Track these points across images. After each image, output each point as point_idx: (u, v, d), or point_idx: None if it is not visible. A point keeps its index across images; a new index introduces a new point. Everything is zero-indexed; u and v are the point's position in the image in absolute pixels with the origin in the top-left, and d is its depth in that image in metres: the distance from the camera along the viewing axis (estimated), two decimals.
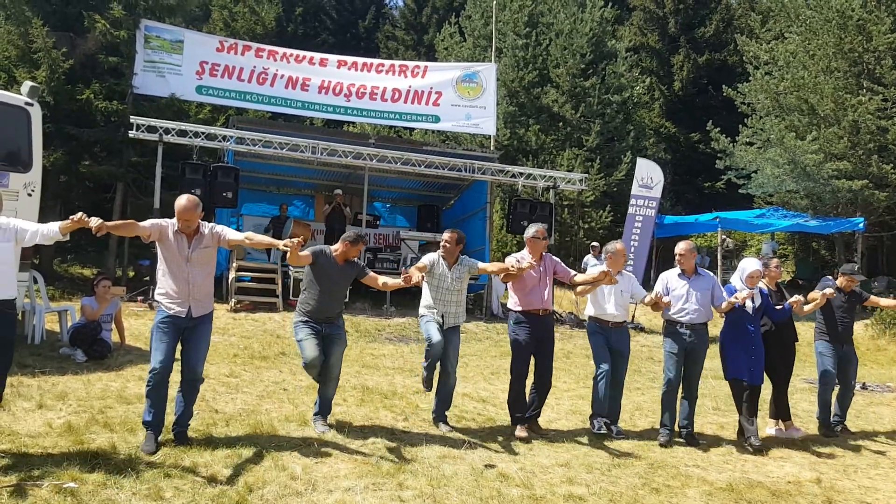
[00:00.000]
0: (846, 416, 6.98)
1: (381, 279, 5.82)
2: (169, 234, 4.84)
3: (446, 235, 6.09)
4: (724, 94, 20.69)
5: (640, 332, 14.02)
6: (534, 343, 6.09)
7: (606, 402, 6.15)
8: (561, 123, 21.83)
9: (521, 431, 5.95)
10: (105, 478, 4.22)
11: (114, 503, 3.90)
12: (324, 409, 5.82)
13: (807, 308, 6.53)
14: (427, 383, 6.01)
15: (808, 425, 7.25)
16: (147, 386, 4.85)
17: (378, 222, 17.92)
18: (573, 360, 10.41)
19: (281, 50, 16.31)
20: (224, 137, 13.12)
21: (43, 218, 8.18)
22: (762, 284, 6.48)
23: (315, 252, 5.57)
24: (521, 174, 15.34)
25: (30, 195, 7.87)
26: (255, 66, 15.73)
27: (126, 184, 15.14)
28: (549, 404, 7.19)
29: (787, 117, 18.07)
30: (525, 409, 6.15)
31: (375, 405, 6.77)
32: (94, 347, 7.90)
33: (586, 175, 17.35)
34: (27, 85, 8.31)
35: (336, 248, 5.68)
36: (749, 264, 6.29)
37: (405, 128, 19.58)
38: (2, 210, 4.71)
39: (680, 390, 6.23)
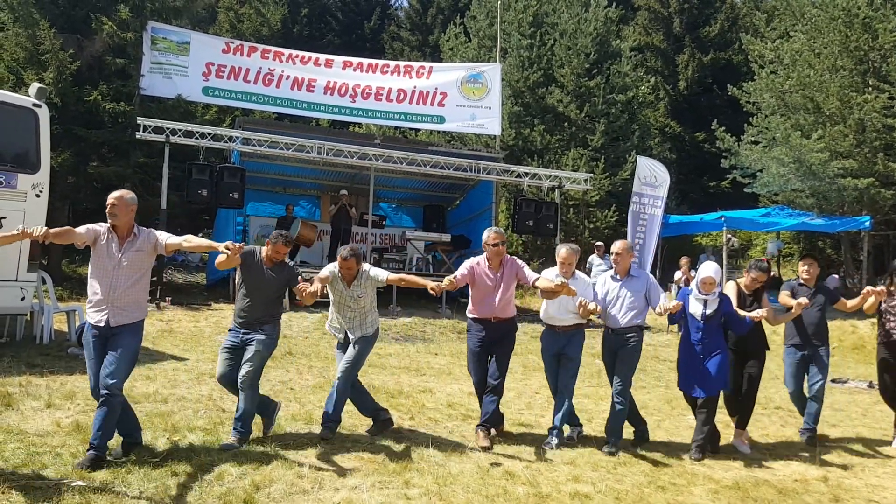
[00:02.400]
0: (816, 423, 6.41)
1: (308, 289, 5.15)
2: (101, 236, 4.58)
3: (344, 253, 5.48)
4: (729, 93, 20.60)
5: (644, 330, 13.99)
6: (486, 348, 5.80)
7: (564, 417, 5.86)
8: (566, 123, 21.81)
9: (482, 440, 5.57)
10: (113, 476, 4.25)
11: (122, 501, 3.93)
12: (244, 421, 5.19)
13: (780, 318, 6.16)
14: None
15: (820, 426, 7.23)
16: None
17: (384, 222, 17.93)
18: None
19: (286, 51, 16.38)
20: (230, 138, 13.18)
21: (51, 219, 8.26)
22: (731, 291, 6.02)
23: (244, 253, 5.19)
24: (526, 174, 15.35)
25: (38, 196, 7.92)
26: (260, 68, 15.79)
27: (133, 185, 15.15)
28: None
29: (793, 116, 17.98)
30: (497, 418, 5.88)
31: (381, 404, 6.78)
32: None
33: (591, 175, 17.36)
34: (35, 86, 8.36)
35: (265, 249, 5.34)
36: (704, 269, 5.77)
37: (410, 128, 19.62)
38: None
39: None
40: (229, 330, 5.39)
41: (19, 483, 4.02)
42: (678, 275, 15.34)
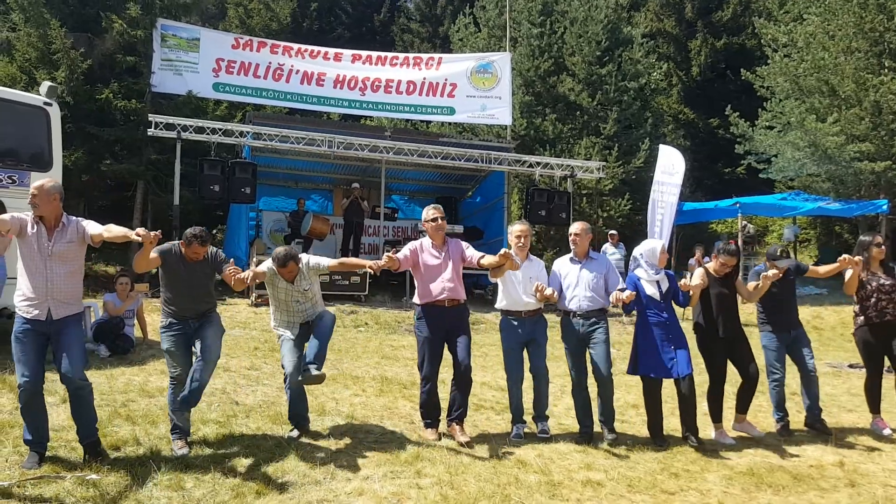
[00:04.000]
0: (818, 406, 6.21)
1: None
2: (28, 226, 4.35)
3: (279, 259, 5.18)
4: (743, 77, 20.39)
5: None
6: (440, 337, 5.46)
7: (521, 405, 5.69)
8: (578, 112, 21.66)
9: (431, 434, 5.41)
10: (127, 469, 4.29)
11: (135, 494, 3.96)
12: (192, 398, 4.84)
13: (750, 287, 5.96)
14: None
15: (831, 409, 7.16)
16: (20, 403, 4.36)
17: (396, 215, 17.97)
18: None
19: (295, 46, 16.39)
20: (241, 133, 13.22)
21: None
22: (699, 278, 5.79)
23: (162, 252, 4.86)
24: (538, 163, 15.29)
25: None
26: (270, 63, 15.83)
27: (146, 181, 15.30)
28: (566, 393, 7.17)
29: (808, 99, 17.77)
30: (438, 413, 5.59)
31: (394, 395, 6.81)
32: (117, 343, 8.05)
33: (604, 163, 17.23)
34: (45, 85, 8.42)
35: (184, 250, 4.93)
36: (652, 243, 5.70)
37: (421, 120, 19.56)
38: None
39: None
40: (167, 326, 4.97)
41: (36, 477, 4.07)
42: (692, 262, 15.25)
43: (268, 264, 5.32)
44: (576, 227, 5.77)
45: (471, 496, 4.18)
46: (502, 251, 5.14)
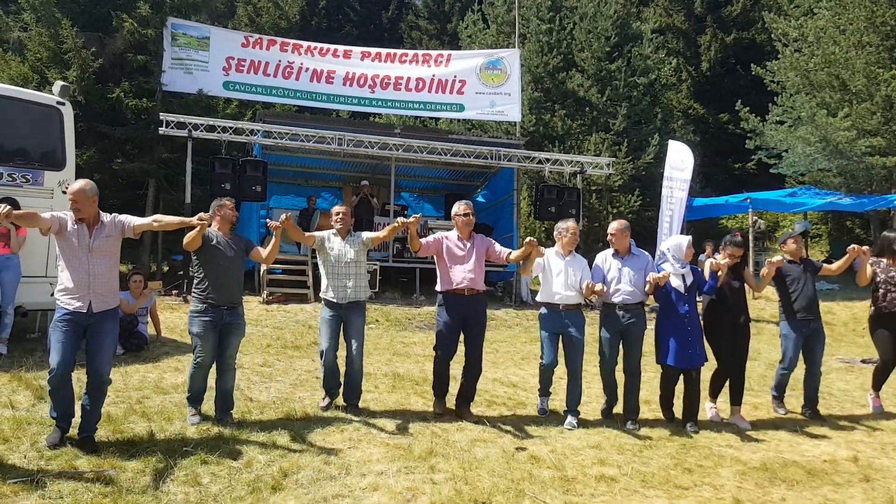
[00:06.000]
0: (816, 400, 6.52)
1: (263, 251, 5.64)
2: (69, 224, 4.61)
3: (337, 209, 6.04)
4: (753, 72, 20.30)
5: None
6: (458, 325, 5.81)
7: (550, 380, 6.16)
8: (587, 108, 21.63)
9: (437, 406, 5.94)
10: (143, 465, 4.33)
11: (152, 489, 4.00)
12: (226, 403, 5.46)
13: (763, 274, 6.36)
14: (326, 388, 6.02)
15: (844, 404, 7.16)
16: (49, 386, 4.58)
17: (406, 212, 17.95)
18: None
19: (305, 43, 16.43)
20: (251, 132, 13.27)
21: None
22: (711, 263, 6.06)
23: (202, 235, 5.24)
24: (548, 160, 15.27)
25: (64, 193, 8.04)
26: (280, 61, 15.87)
27: (158, 180, 15.39)
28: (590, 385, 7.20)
29: (818, 94, 17.67)
30: (446, 388, 6.01)
31: (406, 391, 6.84)
32: (131, 340, 8.09)
33: (614, 159, 17.19)
34: (58, 84, 8.47)
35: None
36: (679, 239, 6.03)
37: (430, 117, 19.60)
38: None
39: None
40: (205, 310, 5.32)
41: (53, 473, 4.11)
42: (702, 258, 15.20)
43: (318, 233, 5.96)
44: (613, 227, 6.07)
45: (485, 491, 4.19)
46: (528, 239, 5.57)
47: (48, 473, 4.09)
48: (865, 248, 6.32)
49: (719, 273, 5.95)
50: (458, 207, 6.00)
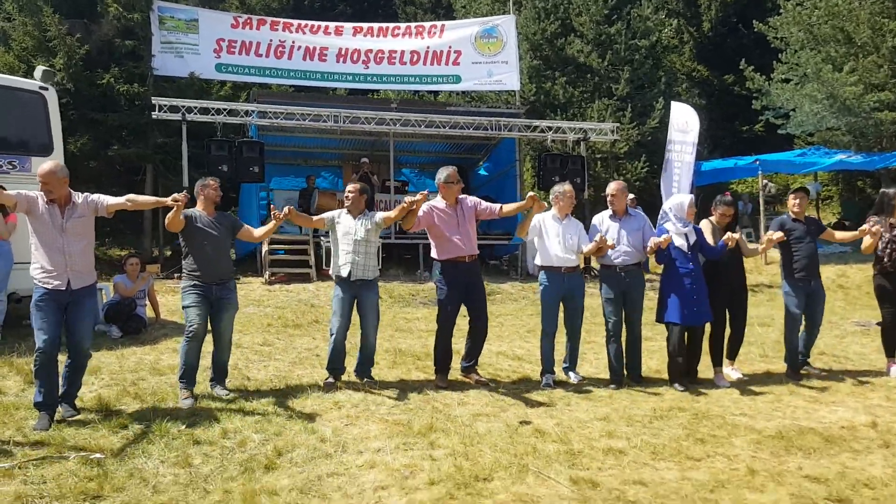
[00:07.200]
0: (809, 354, 6.71)
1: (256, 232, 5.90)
2: (39, 204, 4.61)
3: (350, 187, 5.99)
4: (756, 30, 19.79)
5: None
6: (460, 292, 5.87)
7: (552, 358, 6.09)
8: (588, 74, 21.16)
9: (440, 380, 5.92)
10: (133, 447, 4.19)
11: (141, 472, 3.85)
12: (221, 373, 5.59)
13: (751, 250, 6.44)
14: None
15: (860, 366, 6.96)
16: (34, 366, 4.60)
17: (407, 188, 17.70)
18: None
19: (295, 22, 16.16)
20: (246, 112, 13.07)
21: None
22: (706, 228, 6.23)
23: (186, 215, 5.28)
24: (550, 128, 14.96)
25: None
26: (271, 40, 15.60)
27: (155, 165, 15.21)
28: (588, 358, 7.03)
29: (823, 49, 17.20)
30: (449, 362, 6.01)
31: (408, 367, 6.68)
32: (129, 323, 8.01)
33: (618, 125, 16.83)
34: (40, 70, 8.32)
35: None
36: (682, 198, 6.14)
37: (427, 91, 19.25)
38: None
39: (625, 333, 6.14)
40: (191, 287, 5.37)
41: (39, 458, 3.97)
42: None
43: (327, 214, 5.96)
44: (611, 188, 6.13)
45: (486, 467, 4.01)
46: (530, 193, 5.58)
47: (33, 458, 3.95)
48: (877, 227, 6.26)
49: (729, 244, 5.93)
50: (441, 174, 5.96)
